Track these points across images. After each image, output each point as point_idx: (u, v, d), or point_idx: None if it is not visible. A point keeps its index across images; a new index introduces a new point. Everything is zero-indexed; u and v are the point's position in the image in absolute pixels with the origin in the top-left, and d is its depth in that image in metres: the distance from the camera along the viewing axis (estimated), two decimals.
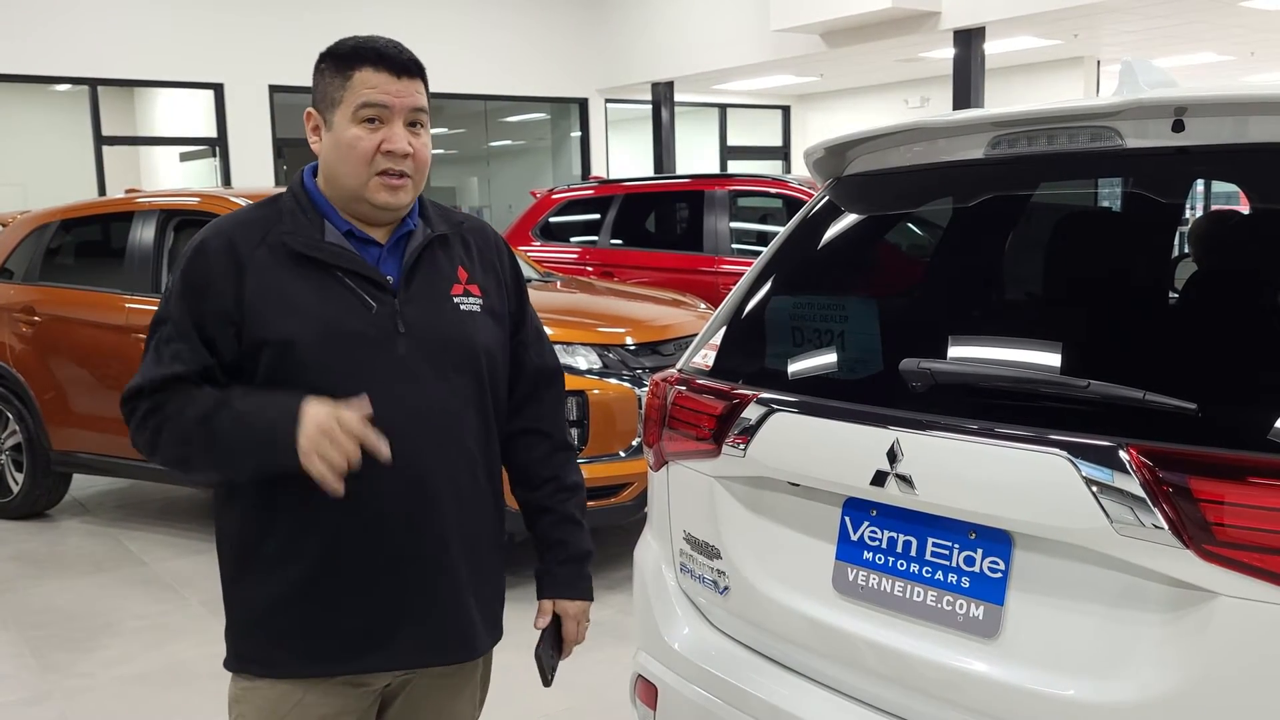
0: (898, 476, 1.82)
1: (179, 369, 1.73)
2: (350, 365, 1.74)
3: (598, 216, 8.86)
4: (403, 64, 1.77)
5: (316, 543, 1.76)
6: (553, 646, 2.06)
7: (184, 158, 14.83)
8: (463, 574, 1.85)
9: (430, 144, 1.84)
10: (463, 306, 1.85)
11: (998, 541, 1.75)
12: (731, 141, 17.25)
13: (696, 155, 16.80)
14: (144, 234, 5.73)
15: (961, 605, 1.78)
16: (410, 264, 1.82)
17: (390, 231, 1.84)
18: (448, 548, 1.82)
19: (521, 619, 4.58)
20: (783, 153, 18.11)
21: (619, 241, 8.71)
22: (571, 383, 4.43)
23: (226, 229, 1.80)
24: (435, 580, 1.82)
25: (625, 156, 16.27)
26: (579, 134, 15.44)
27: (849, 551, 1.96)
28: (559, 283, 6.17)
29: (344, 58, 1.77)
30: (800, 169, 14.58)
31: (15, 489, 6.10)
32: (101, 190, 11.65)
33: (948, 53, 11.11)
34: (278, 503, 1.76)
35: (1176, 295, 2.33)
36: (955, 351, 1.97)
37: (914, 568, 1.85)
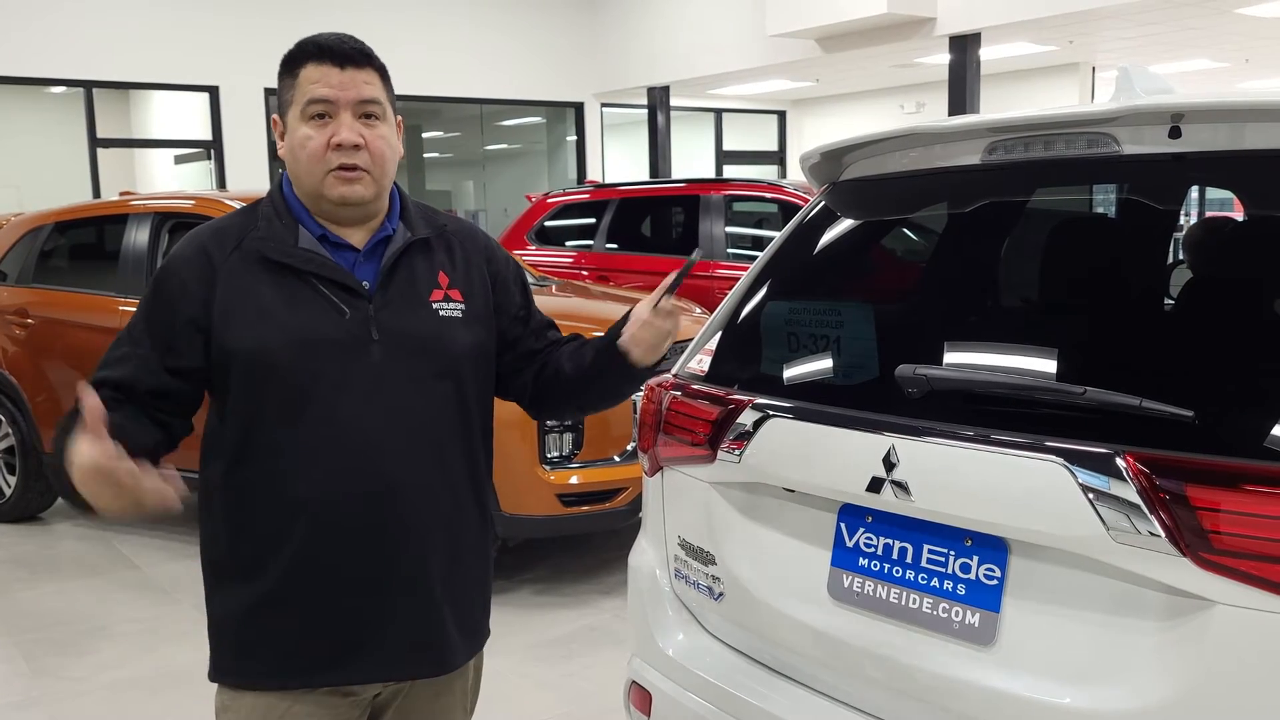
0: (894, 483, 1.82)
1: (117, 374, 1.73)
2: (322, 373, 1.72)
3: (593, 221, 8.86)
4: (345, 54, 1.73)
5: (286, 554, 1.74)
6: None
7: (179, 160, 14.81)
8: (437, 586, 1.82)
9: (390, 136, 1.78)
10: (442, 312, 1.82)
11: (994, 548, 1.75)
12: (727, 146, 17.25)
13: (692, 160, 16.81)
14: (138, 237, 5.71)
15: (957, 612, 1.77)
16: (387, 269, 1.79)
17: (368, 235, 1.81)
18: (422, 560, 1.79)
19: (514, 624, 4.58)
20: (778, 157, 18.12)
21: (614, 246, 8.70)
22: None
23: (202, 236, 1.79)
24: (408, 593, 1.79)
25: (621, 161, 16.28)
26: (574, 138, 15.44)
27: (844, 558, 1.95)
28: (554, 286, 6.16)
29: (291, 57, 1.76)
30: (796, 174, 14.59)
31: (8, 492, 6.08)
32: (96, 193, 11.62)
33: (943, 58, 11.13)
34: (249, 514, 1.75)
35: (1172, 302, 2.33)
36: (951, 357, 1.97)
37: (910, 574, 1.85)
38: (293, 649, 1.76)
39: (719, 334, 2.36)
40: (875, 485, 1.84)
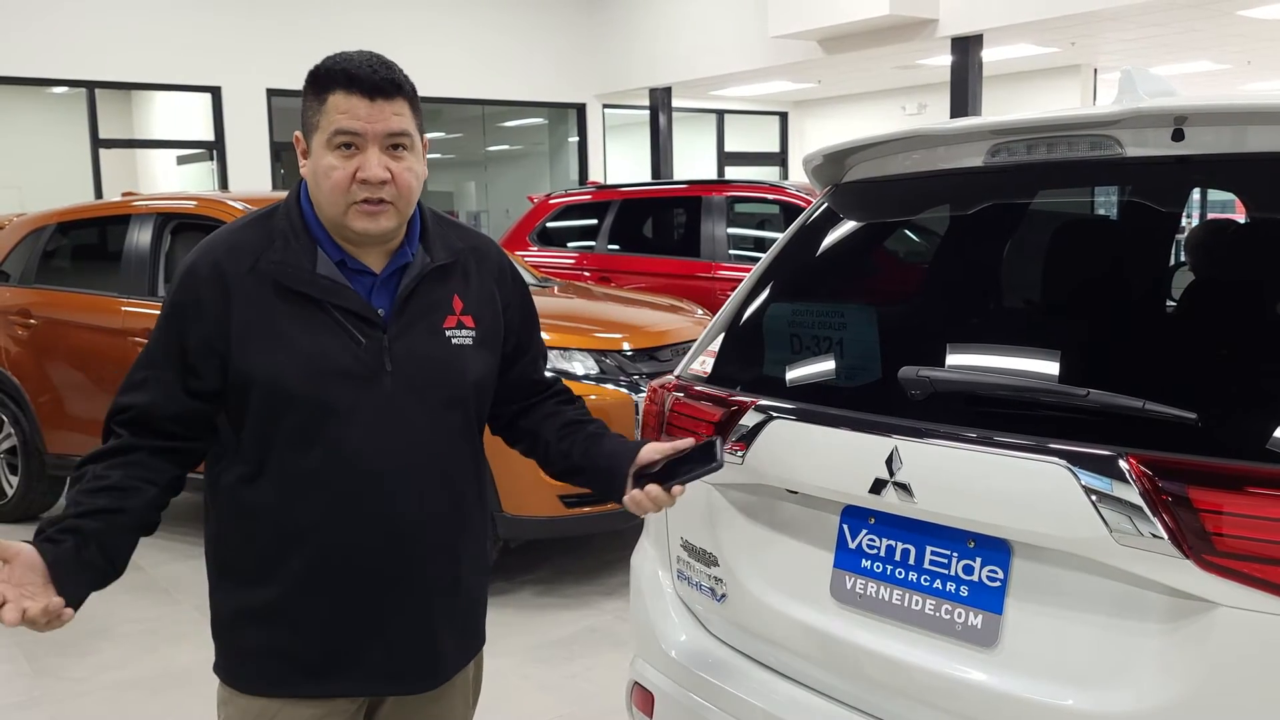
0: (896, 484, 1.82)
1: (138, 399, 1.73)
2: (336, 401, 1.71)
3: (595, 222, 8.87)
4: (376, 85, 1.66)
5: (291, 568, 1.74)
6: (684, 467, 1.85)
7: (181, 161, 14.81)
8: (437, 609, 1.83)
9: (417, 167, 1.74)
10: (455, 340, 1.81)
11: (996, 550, 1.75)
12: (729, 147, 17.25)
13: (694, 161, 16.81)
14: (140, 237, 5.71)
15: (960, 614, 1.77)
16: (404, 298, 1.77)
17: (386, 259, 1.78)
18: (423, 582, 1.80)
19: (515, 625, 4.57)
20: (780, 159, 18.12)
21: (616, 247, 8.71)
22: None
23: (216, 253, 1.75)
24: (406, 613, 1.80)
25: (623, 162, 16.28)
26: (576, 139, 15.44)
27: (847, 559, 1.95)
28: (556, 288, 6.16)
29: (318, 80, 1.69)
30: (798, 175, 14.59)
31: (10, 492, 6.08)
32: (98, 193, 11.63)
33: (945, 60, 11.13)
34: (254, 530, 1.76)
35: (1174, 304, 2.33)
36: (954, 359, 1.97)
37: (912, 576, 1.85)
38: (288, 661, 1.77)
39: (722, 335, 2.36)
40: (878, 487, 1.84)
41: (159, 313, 1.79)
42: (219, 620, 1.83)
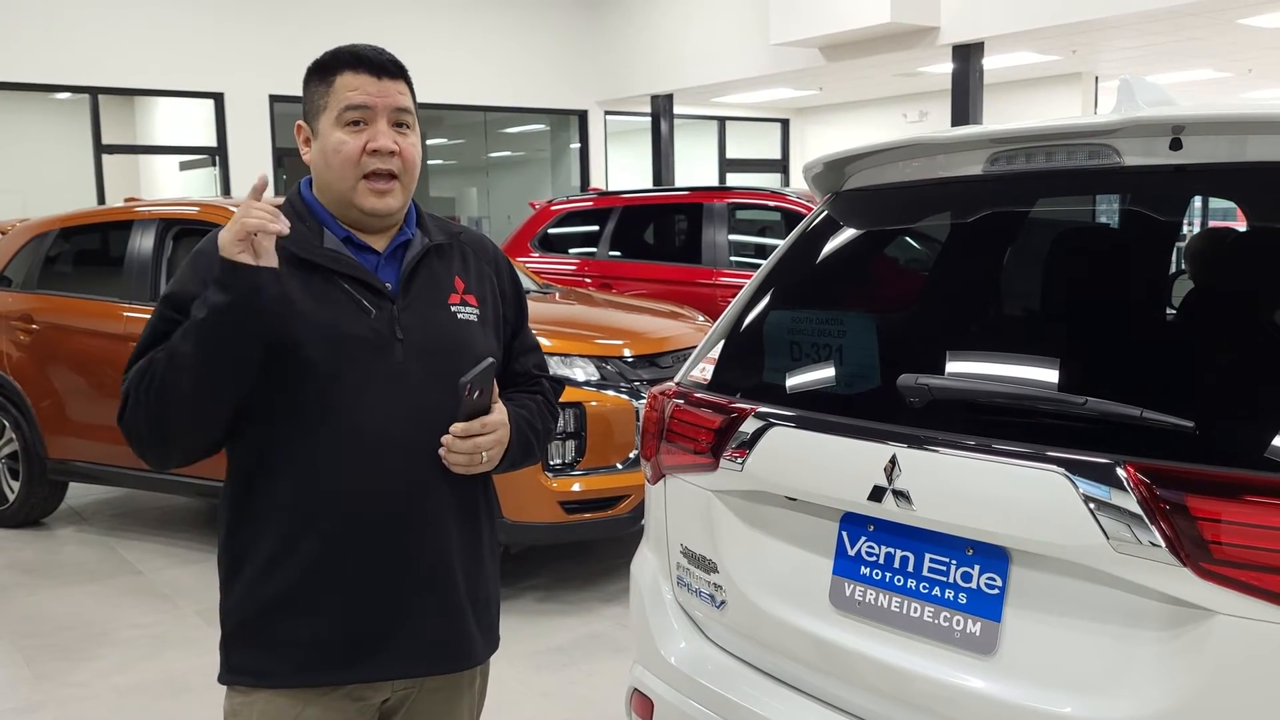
0: (895, 492, 1.82)
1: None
2: (349, 370, 1.75)
3: (596, 228, 8.88)
4: (382, 65, 1.79)
5: (310, 548, 1.75)
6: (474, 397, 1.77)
7: (184, 167, 14.82)
8: (460, 581, 1.85)
9: (419, 145, 1.85)
10: (460, 315, 1.87)
11: (995, 558, 1.75)
12: (730, 154, 17.26)
13: (695, 168, 16.82)
14: (143, 243, 5.73)
15: (959, 621, 1.78)
16: (408, 271, 1.84)
17: (388, 239, 1.86)
18: (445, 555, 1.83)
19: (516, 631, 4.58)
20: (781, 165, 18.12)
21: (617, 253, 8.72)
22: (569, 394, 4.43)
23: None
24: (432, 587, 1.82)
25: (624, 168, 16.29)
26: (578, 145, 15.46)
27: (846, 566, 1.96)
28: (557, 294, 6.17)
29: (325, 65, 1.80)
30: (799, 182, 14.60)
31: (11, 497, 6.09)
32: (101, 199, 11.64)
33: (946, 67, 11.14)
34: (272, 506, 1.77)
35: (1173, 312, 2.33)
36: (953, 367, 1.97)
37: (911, 583, 1.85)
38: (317, 646, 1.77)
39: (722, 342, 2.37)
40: (877, 494, 1.85)
41: (167, 290, 1.79)
42: (241, 619, 1.81)
